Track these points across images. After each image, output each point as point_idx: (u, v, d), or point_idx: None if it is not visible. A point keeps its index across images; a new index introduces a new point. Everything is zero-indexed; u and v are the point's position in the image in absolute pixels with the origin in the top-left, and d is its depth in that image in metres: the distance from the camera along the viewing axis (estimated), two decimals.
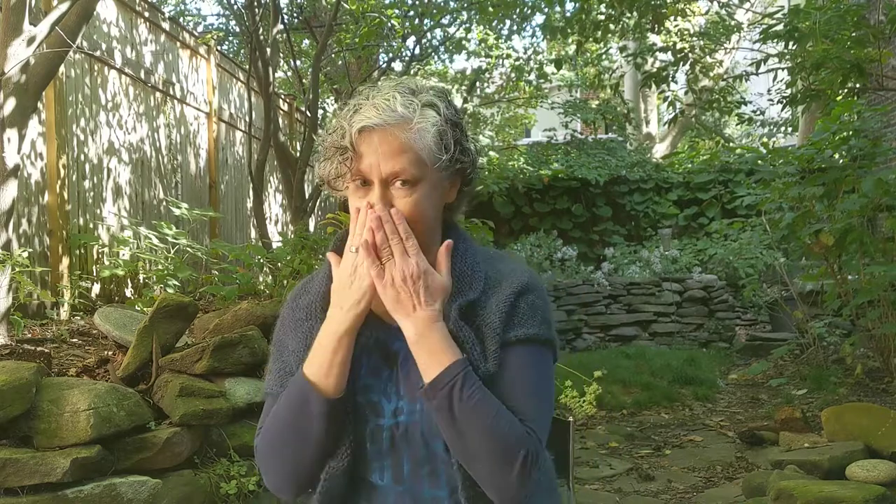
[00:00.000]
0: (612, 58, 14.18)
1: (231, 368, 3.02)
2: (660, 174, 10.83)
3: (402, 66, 9.03)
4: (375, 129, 1.16)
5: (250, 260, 4.82)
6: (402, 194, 1.17)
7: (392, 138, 1.16)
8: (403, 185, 1.17)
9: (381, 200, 1.16)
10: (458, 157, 1.22)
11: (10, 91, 3.25)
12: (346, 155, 1.17)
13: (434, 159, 1.18)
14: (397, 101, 1.17)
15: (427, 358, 1.13)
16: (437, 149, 1.18)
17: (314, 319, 1.24)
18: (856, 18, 4.68)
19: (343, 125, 1.18)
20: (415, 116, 1.17)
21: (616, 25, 7.93)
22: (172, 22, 6.07)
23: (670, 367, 6.29)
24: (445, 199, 1.25)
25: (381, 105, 1.17)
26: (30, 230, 4.03)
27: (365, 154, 1.16)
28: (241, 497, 2.77)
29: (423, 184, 1.18)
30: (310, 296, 1.28)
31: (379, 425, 1.20)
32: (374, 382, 1.23)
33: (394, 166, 1.16)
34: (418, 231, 1.18)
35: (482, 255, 1.29)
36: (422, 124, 1.17)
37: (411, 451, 1.19)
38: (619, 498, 3.76)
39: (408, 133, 1.16)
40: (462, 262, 1.24)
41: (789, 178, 5.55)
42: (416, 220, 1.18)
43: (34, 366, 2.58)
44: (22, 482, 2.32)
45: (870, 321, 4.88)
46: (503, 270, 1.25)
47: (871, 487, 2.89)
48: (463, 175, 1.26)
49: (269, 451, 1.22)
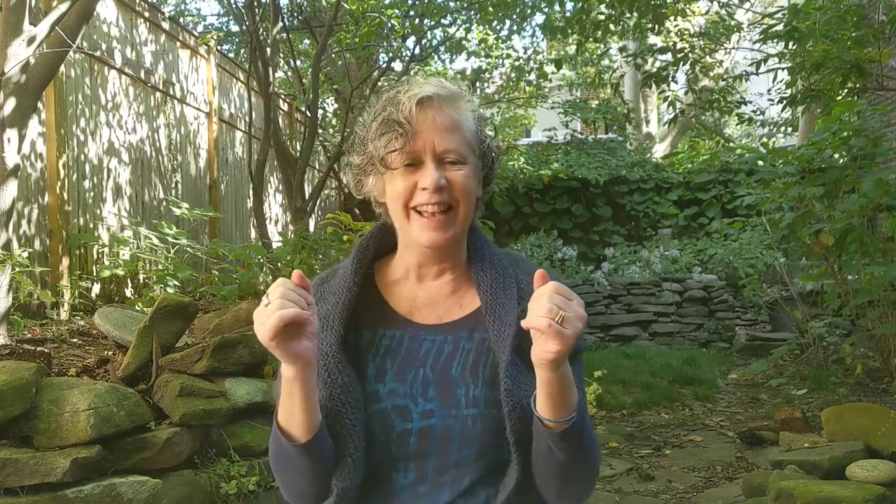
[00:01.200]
0: (612, 58, 14.17)
1: (231, 368, 3.02)
2: (660, 174, 10.83)
3: (402, 66, 9.02)
4: (431, 103, 1.16)
5: (250, 260, 4.82)
6: (454, 169, 1.17)
7: (444, 115, 1.17)
8: (454, 163, 1.17)
9: (437, 178, 1.15)
10: (491, 148, 1.25)
11: (10, 91, 3.25)
12: (404, 129, 1.15)
13: (476, 143, 1.21)
14: (444, 81, 1.21)
15: (569, 390, 1.06)
16: (477, 135, 1.21)
17: (329, 331, 1.19)
18: (856, 18, 4.67)
19: (400, 98, 1.17)
20: (463, 96, 1.21)
21: (616, 25, 7.93)
22: (172, 22, 6.07)
23: (670, 367, 6.29)
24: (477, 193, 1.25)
25: (433, 81, 1.20)
26: (30, 230, 4.03)
27: (420, 131, 1.16)
28: (241, 497, 2.77)
29: (469, 166, 1.19)
30: (327, 306, 1.23)
31: (407, 429, 1.16)
32: (399, 386, 1.19)
33: (448, 143, 1.16)
34: (463, 210, 1.18)
35: (505, 258, 1.27)
36: (467, 107, 1.21)
37: (439, 455, 1.16)
38: (619, 498, 3.76)
39: (458, 112, 1.19)
40: (490, 269, 1.22)
41: (789, 178, 5.54)
42: (465, 195, 1.18)
43: (34, 366, 2.58)
44: (22, 482, 2.32)
45: (870, 321, 4.88)
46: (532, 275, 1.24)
47: (871, 487, 2.89)
48: (487, 173, 1.27)
49: (275, 471, 1.20)
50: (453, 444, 1.15)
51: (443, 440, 1.15)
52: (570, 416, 1.06)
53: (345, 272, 1.25)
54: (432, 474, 1.16)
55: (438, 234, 1.17)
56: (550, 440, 1.07)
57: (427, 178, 1.15)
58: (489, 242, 1.29)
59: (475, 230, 1.28)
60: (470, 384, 1.17)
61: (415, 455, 1.16)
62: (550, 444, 1.08)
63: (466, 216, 1.19)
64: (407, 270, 1.26)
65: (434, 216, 1.16)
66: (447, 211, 1.17)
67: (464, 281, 1.25)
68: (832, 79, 4.82)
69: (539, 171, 10.57)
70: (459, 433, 1.14)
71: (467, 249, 1.26)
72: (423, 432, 1.15)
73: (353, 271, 1.24)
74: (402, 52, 8.95)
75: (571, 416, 1.06)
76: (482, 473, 1.15)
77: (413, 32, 8.44)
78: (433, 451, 1.16)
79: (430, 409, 1.16)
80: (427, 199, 1.15)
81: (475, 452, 1.14)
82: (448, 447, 1.15)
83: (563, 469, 1.10)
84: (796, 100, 5.43)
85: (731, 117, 12.33)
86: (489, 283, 1.21)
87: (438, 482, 1.16)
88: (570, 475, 1.11)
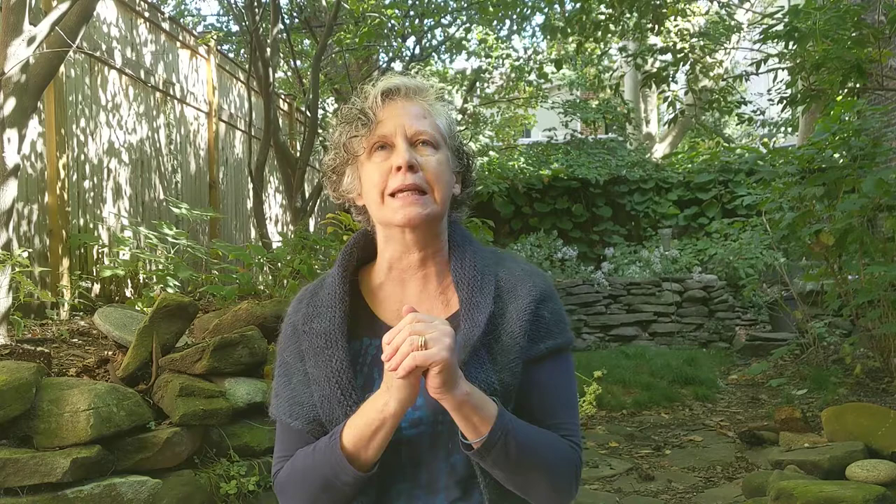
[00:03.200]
0: (612, 58, 14.18)
1: (231, 368, 3.02)
2: (660, 174, 10.83)
3: (401, 66, 9.02)
4: (399, 94, 1.21)
5: (250, 260, 4.82)
6: (428, 152, 1.19)
7: (413, 104, 1.21)
8: (425, 145, 1.19)
9: (408, 157, 1.16)
10: (464, 146, 1.27)
11: (10, 91, 3.25)
12: (367, 116, 1.19)
13: (448, 134, 1.23)
14: (414, 77, 1.25)
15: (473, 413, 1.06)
16: (449, 128, 1.24)
17: (335, 348, 1.17)
18: (856, 18, 4.67)
19: (367, 89, 1.22)
20: (431, 89, 1.24)
21: (616, 26, 7.93)
22: (172, 22, 6.07)
23: (670, 367, 6.29)
24: (453, 188, 1.25)
25: (401, 75, 1.25)
26: (30, 230, 4.03)
27: (387, 119, 1.19)
28: (241, 497, 2.77)
29: (441, 152, 1.21)
30: (324, 321, 1.20)
31: (397, 438, 1.14)
32: None
33: (420, 125, 1.19)
34: (439, 196, 1.18)
35: (490, 257, 1.27)
36: (435, 101, 1.24)
37: (431, 461, 1.16)
38: (619, 498, 3.76)
39: (427, 103, 1.23)
40: (470, 267, 1.22)
41: (789, 178, 5.55)
42: (438, 179, 1.18)
43: (34, 366, 2.58)
44: (22, 482, 2.32)
45: (870, 321, 4.88)
46: (515, 273, 1.23)
47: (871, 487, 2.89)
48: (464, 175, 1.28)
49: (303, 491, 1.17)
50: (443, 451, 1.15)
51: (433, 447, 1.15)
52: (477, 440, 1.06)
53: (332, 283, 1.24)
54: (426, 481, 1.16)
55: (413, 209, 1.15)
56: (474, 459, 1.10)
57: (399, 157, 1.16)
58: (472, 239, 1.28)
59: (457, 226, 1.28)
60: None
61: (408, 463, 1.16)
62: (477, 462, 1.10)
63: (443, 200, 1.19)
64: (389, 269, 1.25)
65: (409, 196, 1.16)
66: (422, 194, 1.17)
67: (446, 278, 1.25)
68: (832, 79, 4.82)
69: (539, 171, 10.58)
70: (447, 440, 1.14)
71: (449, 246, 1.26)
72: (414, 441, 1.15)
73: (341, 281, 1.23)
74: (402, 52, 8.96)
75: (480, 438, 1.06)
76: (474, 476, 1.15)
77: (413, 32, 8.45)
78: (425, 458, 1.16)
79: (419, 417, 1.15)
80: (401, 182, 1.16)
81: (465, 458, 1.13)
82: (438, 454, 1.15)
83: (510, 481, 1.12)
84: (796, 100, 5.43)
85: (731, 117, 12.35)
86: (467, 281, 1.20)
87: (433, 487, 1.16)
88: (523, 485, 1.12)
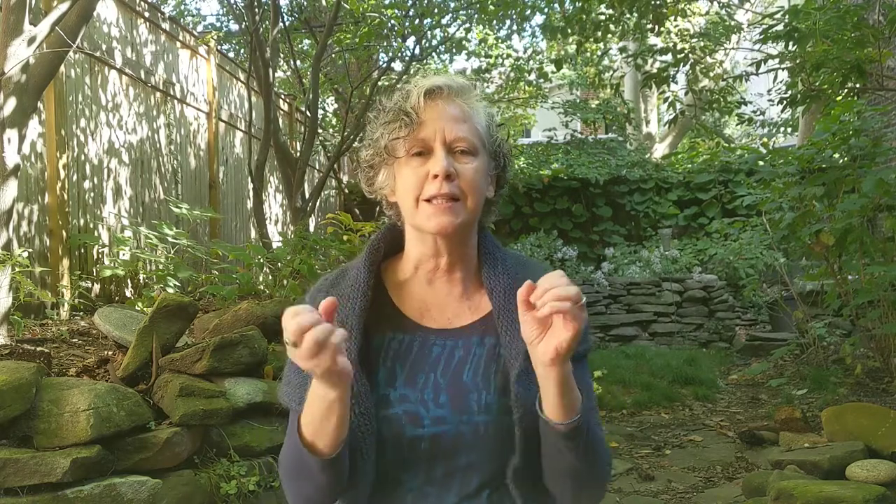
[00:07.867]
0: (612, 58, 14.18)
1: (231, 368, 3.02)
2: (660, 174, 10.83)
3: (402, 66, 9.02)
4: (441, 95, 1.17)
5: (250, 260, 4.82)
6: (465, 160, 1.17)
7: (455, 106, 1.18)
8: (464, 154, 1.17)
9: (446, 165, 1.14)
10: (502, 148, 1.24)
11: (10, 91, 3.25)
12: (410, 118, 1.16)
13: (487, 138, 1.21)
14: (455, 76, 1.22)
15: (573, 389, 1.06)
16: (489, 130, 1.21)
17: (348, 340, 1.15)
18: (856, 19, 4.67)
19: (408, 89, 1.19)
20: (474, 90, 1.21)
21: (616, 26, 7.93)
22: (172, 22, 6.07)
23: (670, 367, 6.29)
24: (487, 192, 1.23)
25: (444, 74, 1.21)
26: (30, 230, 4.03)
27: (428, 121, 1.16)
28: (241, 497, 2.77)
29: (479, 159, 1.19)
30: (343, 311, 1.17)
31: (418, 435, 1.14)
32: (409, 392, 1.17)
33: (459, 131, 1.16)
34: (472, 204, 1.17)
35: (516, 261, 1.26)
36: (477, 102, 1.21)
37: (449, 459, 1.16)
38: (619, 498, 3.76)
39: (469, 105, 1.19)
40: (503, 274, 1.21)
41: (789, 178, 5.54)
42: (473, 188, 1.16)
43: (34, 366, 2.58)
44: (22, 482, 2.32)
45: (870, 321, 4.88)
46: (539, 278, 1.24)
47: (871, 487, 2.89)
48: (500, 175, 1.27)
49: (288, 480, 1.17)
50: (463, 450, 1.15)
51: (453, 446, 1.15)
52: (575, 417, 1.06)
53: (356, 275, 1.22)
54: (441, 477, 1.16)
55: (446, 218, 1.15)
56: (558, 441, 1.08)
57: (437, 165, 1.14)
58: (501, 247, 1.27)
59: (487, 234, 1.27)
60: (482, 390, 1.16)
61: (425, 459, 1.16)
62: (559, 445, 1.08)
63: (474, 209, 1.18)
64: (415, 268, 1.24)
65: (442, 203, 1.15)
66: (455, 201, 1.16)
67: (473, 283, 1.24)
68: (832, 79, 4.82)
69: (539, 171, 10.57)
70: (470, 439, 1.14)
71: (479, 253, 1.25)
72: (435, 438, 1.15)
73: (367, 274, 1.22)
74: (402, 52, 8.95)
75: (576, 416, 1.06)
76: (490, 476, 1.16)
77: (413, 32, 8.44)
78: (443, 455, 1.16)
79: (441, 416, 1.15)
80: (437, 189, 1.14)
81: (484, 456, 1.14)
82: (458, 452, 1.15)
83: (574, 470, 1.11)
84: (796, 100, 5.43)
85: (731, 117, 12.35)
86: (502, 288, 1.19)
87: (446, 484, 1.16)
88: (581, 475, 1.13)
